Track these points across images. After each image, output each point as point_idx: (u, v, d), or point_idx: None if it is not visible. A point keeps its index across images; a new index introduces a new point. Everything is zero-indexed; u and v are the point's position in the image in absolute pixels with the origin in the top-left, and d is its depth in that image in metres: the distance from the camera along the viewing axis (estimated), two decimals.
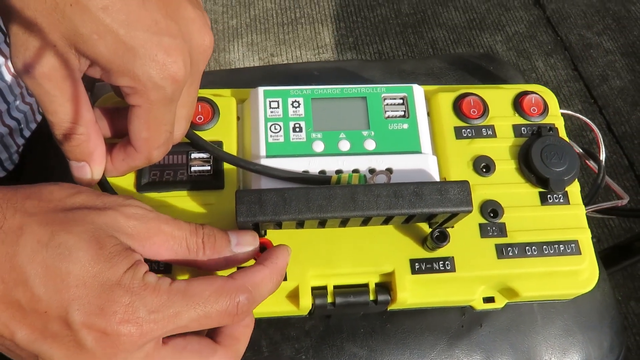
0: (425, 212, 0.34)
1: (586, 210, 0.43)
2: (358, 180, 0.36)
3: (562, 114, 0.44)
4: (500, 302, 0.40)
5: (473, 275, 0.38)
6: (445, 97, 0.42)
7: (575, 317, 0.48)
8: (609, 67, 1.48)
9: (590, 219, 0.41)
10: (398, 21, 1.51)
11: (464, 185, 0.34)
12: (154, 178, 0.38)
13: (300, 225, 0.36)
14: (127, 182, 0.37)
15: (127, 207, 0.30)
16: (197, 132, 0.39)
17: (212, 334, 0.31)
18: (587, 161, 0.45)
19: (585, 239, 0.39)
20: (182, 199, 0.37)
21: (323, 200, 0.33)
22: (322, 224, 0.36)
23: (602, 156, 0.44)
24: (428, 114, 0.42)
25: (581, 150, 0.44)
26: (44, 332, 0.26)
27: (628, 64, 1.48)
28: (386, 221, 0.36)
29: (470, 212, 0.34)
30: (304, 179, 0.37)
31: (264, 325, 0.44)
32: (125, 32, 0.28)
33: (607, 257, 0.62)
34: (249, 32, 1.48)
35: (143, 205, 0.31)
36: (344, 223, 0.36)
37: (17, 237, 0.26)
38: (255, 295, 0.30)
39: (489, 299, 0.40)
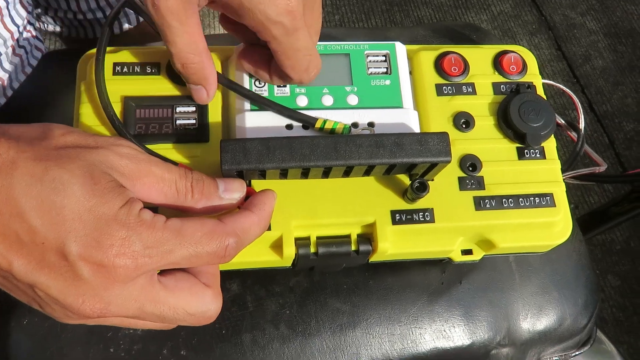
0: (405, 161, 0.35)
1: (564, 176, 0.44)
2: (342, 130, 0.37)
3: (544, 84, 0.45)
4: (477, 255, 0.41)
5: (452, 226, 0.39)
6: (427, 55, 0.43)
7: (552, 275, 0.49)
8: (592, 47, 1.49)
9: (569, 189, 0.42)
10: None
11: (443, 136, 0.35)
12: (140, 131, 0.38)
13: (283, 175, 0.37)
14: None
15: (119, 147, 0.30)
16: (183, 87, 0.39)
17: (194, 274, 0.32)
18: (568, 132, 0.46)
19: (559, 192, 0.41)
20: (167, 152, 0.38)
21: (306, 149, 0.34)
22: (305, 174, 0.37)
23: (582, 124, 0.46)
24: (410, 72, 0.43)
25: (562, 121, 0.45)
26: (41, 262, 0.27)
27: (610, 45, 1.50)
28: (367, 172, 0.37)
29: (449, 162, 0.35)
30: (293, 115, 0.38)
31: (249, 282, 0.45)
32: None
33: (584, 223, 0.64)
34: None
35: (134, 146, 0.32)
36: (326, 174, 0.37)
37: (11, 170, 0.26)
38: (243, 240, 0.31)
39: (467, 252, 0.41)
